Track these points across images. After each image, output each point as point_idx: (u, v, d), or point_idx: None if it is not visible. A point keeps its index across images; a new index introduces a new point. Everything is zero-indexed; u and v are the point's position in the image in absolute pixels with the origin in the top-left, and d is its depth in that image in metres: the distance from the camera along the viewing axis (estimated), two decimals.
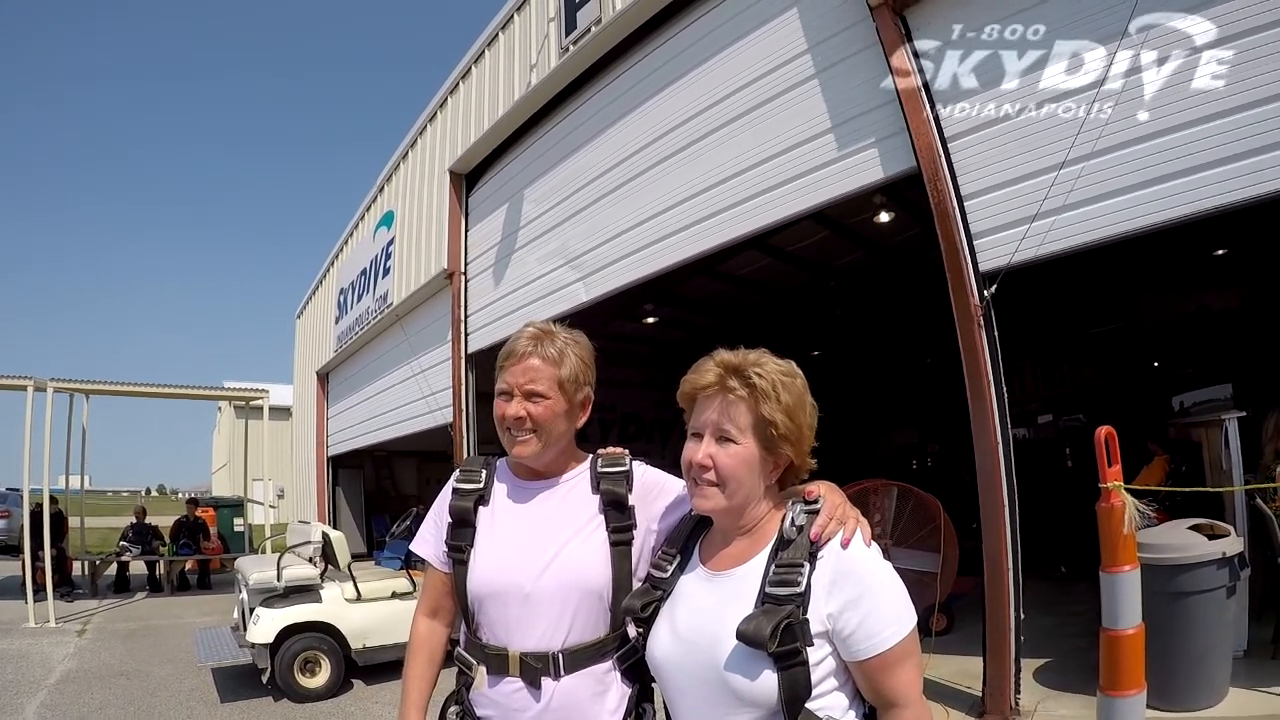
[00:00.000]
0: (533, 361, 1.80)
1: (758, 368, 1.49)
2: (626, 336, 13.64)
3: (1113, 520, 3.77)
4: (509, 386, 1.81)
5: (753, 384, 1.48)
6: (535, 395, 1.80)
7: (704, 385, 1.53)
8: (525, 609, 1.74)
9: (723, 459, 1.49)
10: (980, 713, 5.04)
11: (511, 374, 1.81)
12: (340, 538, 7.36)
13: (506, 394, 1.82)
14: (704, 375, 1.54)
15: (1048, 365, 13.64)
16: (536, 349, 1.81)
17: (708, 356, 1.57)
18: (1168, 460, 7.88)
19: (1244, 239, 9.41)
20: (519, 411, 1.79)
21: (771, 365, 1.51)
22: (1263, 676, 4.81)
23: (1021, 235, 4.97)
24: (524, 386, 1.80)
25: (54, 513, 12.14)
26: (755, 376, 1.48)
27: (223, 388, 17.68)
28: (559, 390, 1.82)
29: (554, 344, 1.83)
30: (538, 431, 1.81)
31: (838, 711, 1.42)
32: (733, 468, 1.48)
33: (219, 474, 43.57)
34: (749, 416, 1.48)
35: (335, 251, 17.13)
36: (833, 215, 8.66)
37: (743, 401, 1.49)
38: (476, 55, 10.57)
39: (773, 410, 1.46)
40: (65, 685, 7.21)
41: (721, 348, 1.56)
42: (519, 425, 1.80)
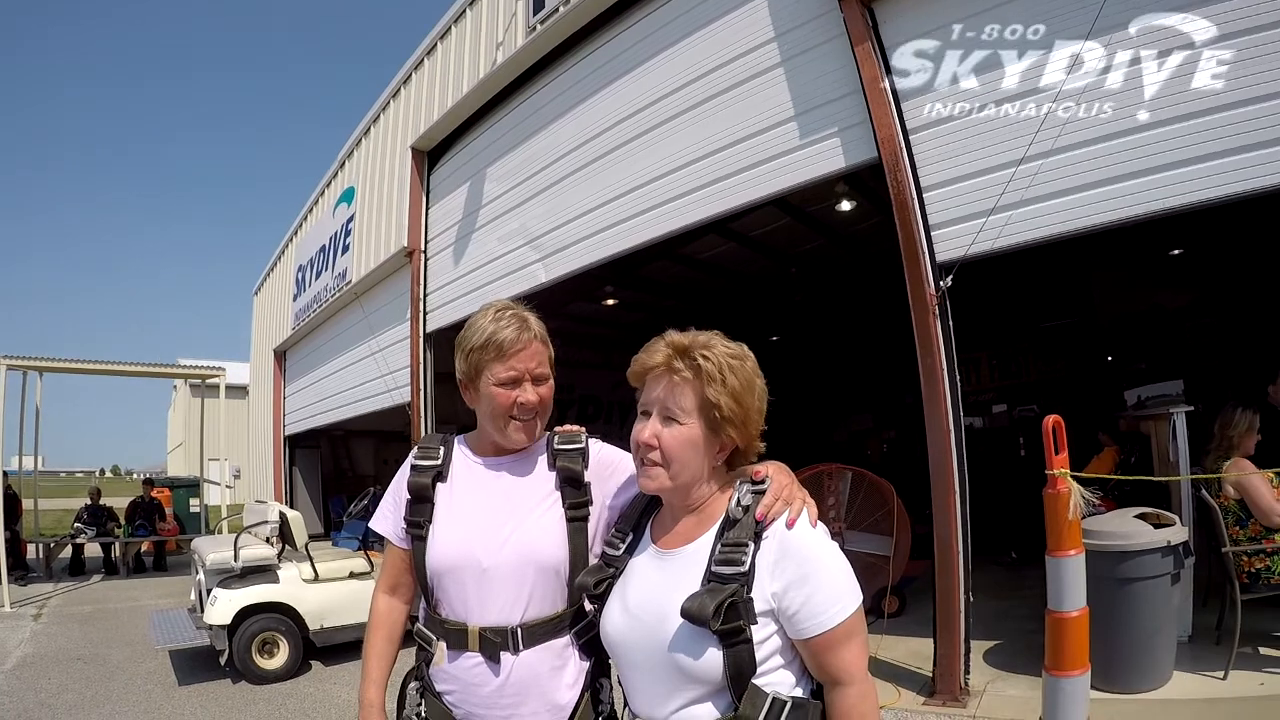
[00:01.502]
0: (536, 345, 1.82)
1: (705, 350, 1.51)
2: (586, 318, 13.63)
3: (1058, 506, 3.86)
4: (519, 373, 1.79)
5: (699, 366, 1.49)
6: (542, 378, 1.82)
7: (652, 365, 1.55)
8: (483, 584, 1.75)
9: (667, 439, 1.50)
10: (931, 693, 5.14)
11: (519, 359, 1.79)
12: (297, 518, 7.30)
13: (514, 381, 1.80)
14: (653, 355, 1.55)
15: (1003, 356, 13.84)
16: (532, 331, 1.82)
17: (659, 337, 1.58)
18: (1117, 451, 8.07)
19: (1199, 240, 9.63)
20: (534, 397, 1.81)
21: (720, 348, 1.53)
22: (1206, 661, 4.92)
23: (978, 228, 5.05)
24: (534, 371, 1.81)
25: (7, 494, 11.89)
26: (702, 359, 1.49)
27: (178, 365, 17.36)
28: (552, 369, 1.86)
29: (537, 323, 1.85)
30: (542, 414, 1.84)
31: (784, 688, 1.45)
32: (677, 448, 1.50)
33: (174, 454, 42.74)
34: (694, 398, 1.50)
35: (294, 227, 16.81)
36: (795, 202, 8.74)
37: (688, 383, 1.50)
38: (443, 32, 10.45)
39: (718, 393, 1.48)
40: (22, 670, 7.12)
41: (673, 330, 1.58)
42: (529, 410, 1.81)
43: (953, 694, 5.03)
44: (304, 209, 16.26)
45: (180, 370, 16.58)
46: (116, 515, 14.28)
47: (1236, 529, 4.98)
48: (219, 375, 14.49)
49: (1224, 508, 5.01)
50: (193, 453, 20.29)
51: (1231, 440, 5.18)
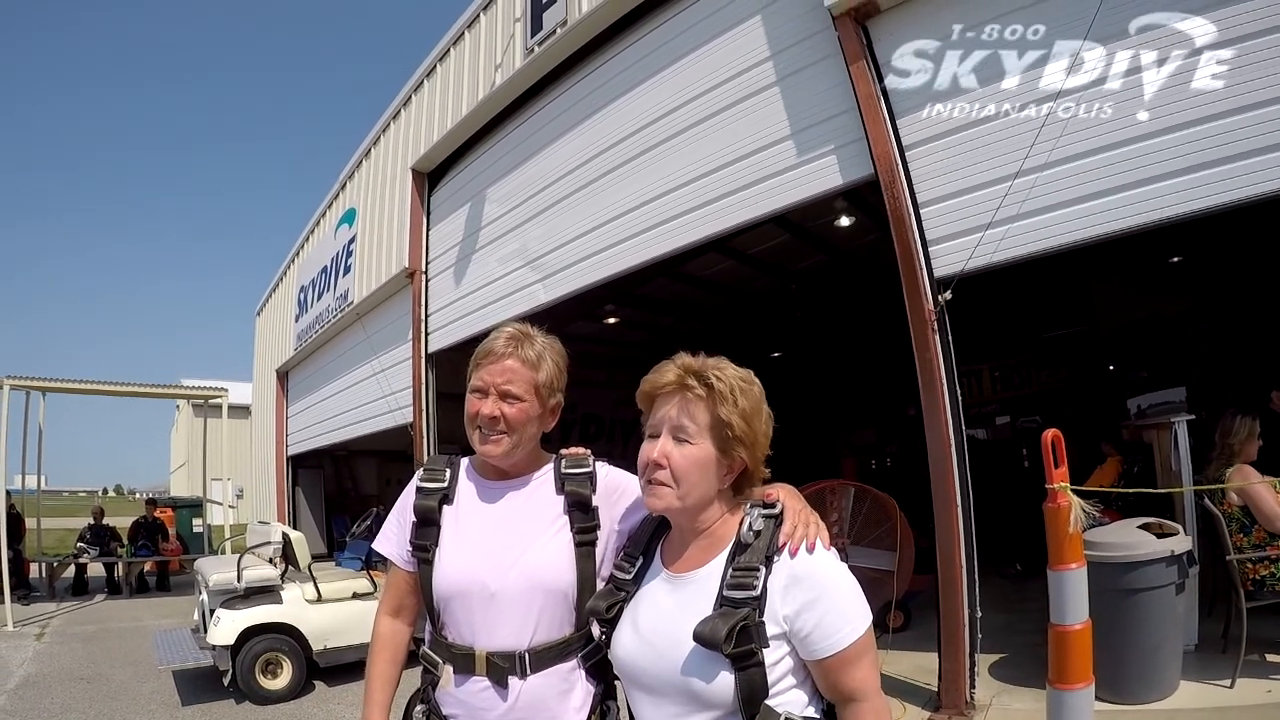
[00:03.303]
0: (511, 363, 1.81)
1: (717, 371, 1.53)
2: (587, 337, 13.62)
3: (1059, 520, 3.86)
4: (485, 384, 1.81)
5: (711, 385, 1.52)
6: (510, 396, 1.80)
7: (663, 384, 1.57)
8: (491, 608, 1.75)
9: (677, 458, 1.52)
10: (936, 707, 5.12)
11: (489, 372, 1.81)
12: (300, 538, 7.31)
13: (481, 391, 1.81)
14: (664, 375, 1.57)
15: (1005, 368, 13.86)
16: (516, 350, 1.82)
17: (669, 359, 1.60)
18: (1121, 461, 8.05)
19: (1199, 247, 9.65)
20: (494, 411, 1.79)
21: (731, 370, 1.56)
22: (1212, 670, 4.91)
23: (976, 242, 5.06)
24: (500, 386, 1.80)
25: (10, 514, 11.91)
26: (714, 379, 1.52)
27: (181, 386, 17.40)
28: (534, 394, 1.83)
29: (533, 347, 1.84)
30: (509, 432, 1.81)
31: (796, 709, 1.47)
32: (686, 468, 1.52)
33: (177, 474, 42.66)
34: (706, 417, 1.52)
35: (296, 248, 16.84)
36: (794, 219, 8.74)
37: (701, 401, 1.52)
38: (441, 54, 10.50)
39: (729, 413, 1.50)
40: (25, 690, 7.11)
41: (683, 351, 1.60)
42: (492, 425, 1.80)
43: (958, 708, 5.01)
44: (305, 230, 16.29)
45: (183, 391, 16.64)
46: (119, 535, 14.30)
47: (1240, 536, 4.98)
48: (221, 395, 14.53)
49: (1227, 515, 5.01)
50: (195, 473, 20.27)
51: (1233, 448, 5.19)
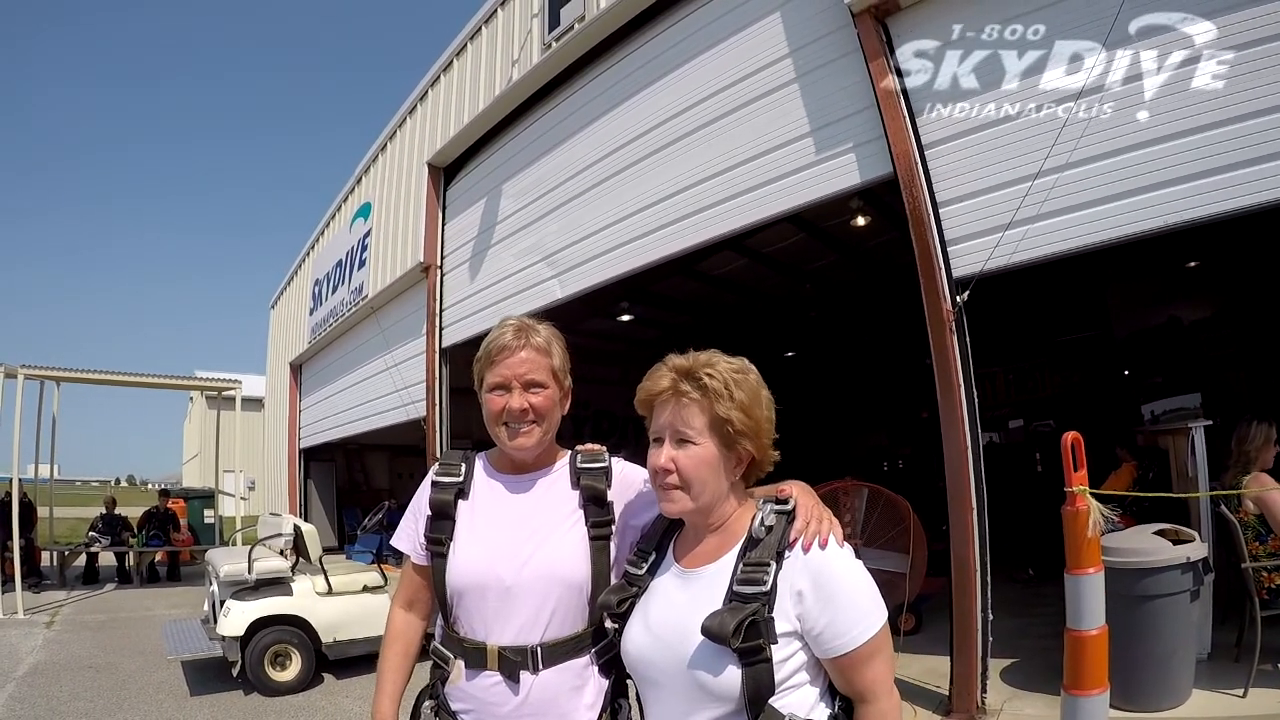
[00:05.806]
0: (527, 353, 1.81)
1: (709, 368, 1.53)
2: (601, 334, 13.65)
3: (1077, 524, 3.83)
4: (506, 379, 1.80)
5: (705, 385, 1.51)
6: (535, 385, 1.81)
7: (658, 391, 1.56)
8: (505, 602, 1.74)
9: (684, 461, 1.52)
10: (947, 711, 5.10)
11: (507, 366, 1.80)
12: (312, 530, 7.31)
13: (503, 387, 1.81)
14: (657, 382, 1.57)
15: (1020, 371, 13.77)
16: (528, 340, 1.83)
17: (660, 363, 1.60)
18: (1135, 466, 7.99)
19: (1216, 252, 9.56)
20: (522, 403, 1.80)
21: (723, 364, 1.55)
22: (1225, 678, 4.87)
23: (995, 243, 5.03)
24: (524, 377, 1.80)
25: (23, 502, 11.96)
26: (707, 377, 1.51)
27: (195, 378, 17.47)
28: (554, 379, 1.84)
29: (539, 334, 1.85)
30: (539, 421, 1.82)
31: (802, 709, 1.45)
32: (694, 469, 1.51)
33: (190, 465, 43.00)
34: (704, 417, 1.51)
35: (311, 241, 16.96)
36: (810, 218, 8.72)
37: (696, 403, 1.52)
38: (459, 48, 10.53)
39: (727, 408, 1.50)
40: (34, 677, 7.13)
41: (673, 353, 1.60)
42: (522, 417, 1.80)
43: (969, 712, 4.99)
44: (321, 223, 16.41)
45: (197, 383, 16.70)
46: (131, 525, 14.35)
47: (1256, 544, 4.93)
48: (235, 388, 14.57)
49: (1243, 523, 4.96)
50: (208, 464, 20.37)
51: (1249, 455, 5.13)
